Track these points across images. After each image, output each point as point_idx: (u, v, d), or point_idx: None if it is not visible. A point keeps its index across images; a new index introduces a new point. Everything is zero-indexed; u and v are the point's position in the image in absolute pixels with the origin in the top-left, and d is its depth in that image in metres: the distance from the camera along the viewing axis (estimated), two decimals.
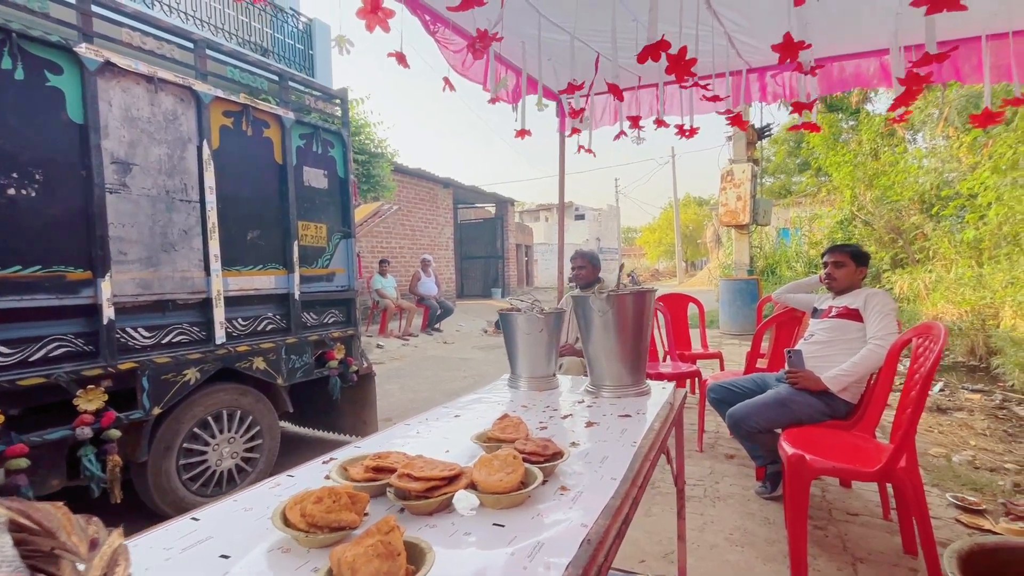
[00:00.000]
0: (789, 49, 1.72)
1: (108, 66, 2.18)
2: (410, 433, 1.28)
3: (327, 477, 0.97)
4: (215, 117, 2.61)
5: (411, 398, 5.42)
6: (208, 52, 2.61)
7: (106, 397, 2.16)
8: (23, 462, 1.91)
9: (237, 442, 2.76)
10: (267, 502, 0.88)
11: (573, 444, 1.14)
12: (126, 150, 2.26)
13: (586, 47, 2.45)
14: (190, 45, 2.56)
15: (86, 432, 2.09)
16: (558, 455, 0.97)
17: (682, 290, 11.32)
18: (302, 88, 3.19)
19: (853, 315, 2.46)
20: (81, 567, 0.35)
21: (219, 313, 2.59)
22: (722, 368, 4.20)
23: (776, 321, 3.27)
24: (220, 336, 2.59)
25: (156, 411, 2.34)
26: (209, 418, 2.63)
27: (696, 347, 4.51)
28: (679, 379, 3.36)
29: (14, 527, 0.38)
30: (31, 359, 1.99)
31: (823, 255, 2.68)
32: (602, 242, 33.90)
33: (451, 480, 0.84)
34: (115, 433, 2.17)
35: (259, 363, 2.79)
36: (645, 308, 1.53)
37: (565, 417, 1.36)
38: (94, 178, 2.13)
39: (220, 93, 2.61)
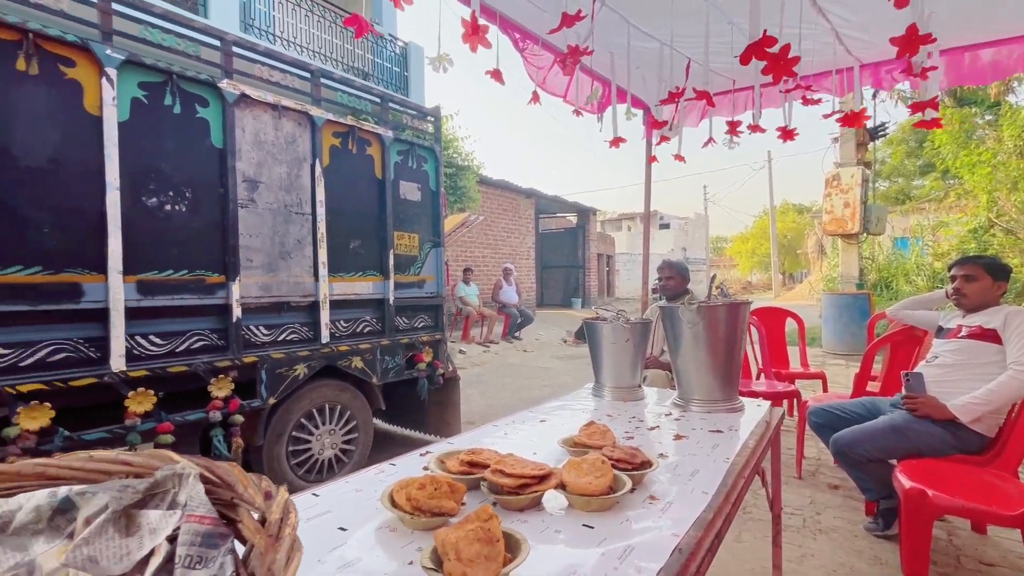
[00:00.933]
0: (910, 43, 1.58)
1: (243, 98, 2.50)
2: (498, 434, 1.34)
3: (425, 468, 1.05)
4: (326, 138, 2.89)
5: (491, 403, 5.54)
6: (322, 80, 2.90)
7: (233, 386, 2.45)
8: (169, 438, 2.22)
9: (336, 434, 3.00)
10: (374, 485, 0.97)
11: (661, 455, 1.12)
12: (255, 170, 2.58)
13: (677, 53, 2.41)
14: (307, 75, 2.86)
15: (216, 416, 2.39)
16: (647, 464, 0.97)
17: (779, 304, 10.55)
18: (400, 108, 3.44)
19: (989, 336, 2.16)
20: (255, 515, 0.43)
21: (325, 315, 2.84)
22: (825, 390, 3.86)
23: (891, 340, 2.95)
24: (325, 336, 2.84)
25: (272, 401, 2.61)
26: (314, 410, 2.88)
27: (795, 366, 4.19)
28: (774, 399, 3.14)
29: (202, 479, 0.47)
30: (177, 350, 2.32)
31: (950, 267, 2.40)
32: (688, 252, 32.49)
33: (541, 479, 0.87)
34: (239, 418, 2.46)
35: (357, 362, 3.02)
36: (739, 321, 1.47)
37: (652, 429, 1.35)
38: (229, 195, 2.45)
39: (331, 116, 2.89)
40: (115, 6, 2.10)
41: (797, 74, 1.82)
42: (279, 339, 2.69)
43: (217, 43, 2.48)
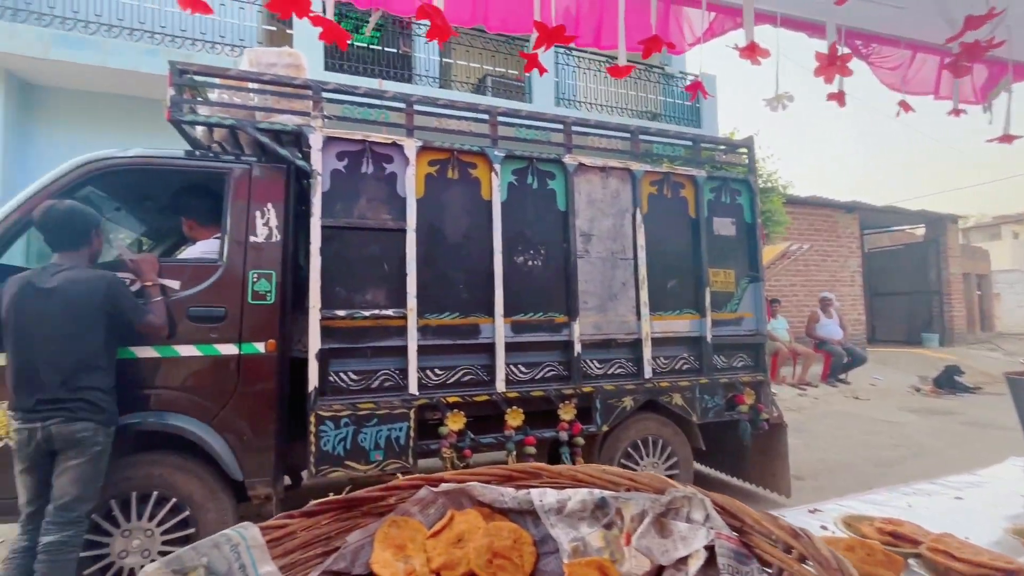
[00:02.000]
0: None
1: (580, 167, 2.98)
2: (898, 503, 1.17)
3: (823, 527, 1.01)
4: (644, 188, 3.14)
5: (820, 458, 4.75)
6: (640, 137, 3.19)
7: (575, 411, 2.85)
8: (532, 450, 2.73)
9: (659, 467, 3.10)
10: None
11: None
12: (588, 225, 3.01)
13: None
14: (628, 135, 3.20)
15: (564, 436, 2.81)
16: None
17: None
18: (711, 146, 3.46)
19: None
20: (775, 545, 0.53)
21: (647, 351, 3.03)
22: None
23: None
24: (648, 372, 3.02)
25: (604, 428, 2.92)
26: (638, 441, 3.07)
27: None
28: None
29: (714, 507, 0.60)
30: (535, 378, 2.86)
31: None
32: None
33: (1010, 574, 0.74)
34: (581, 440, 2.83)
35: (677, 399, 3.09)
36: None
37: None
38: (571, 248, 2.92)
39: (648, 167, 3.14)
40: (500, 119, 2.85)
41: None
42: (609, 372, 3.00)
43: (560, 127, 3.04)
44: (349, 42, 1.25)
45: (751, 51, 1.37)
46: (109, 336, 2.10)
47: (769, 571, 0.53)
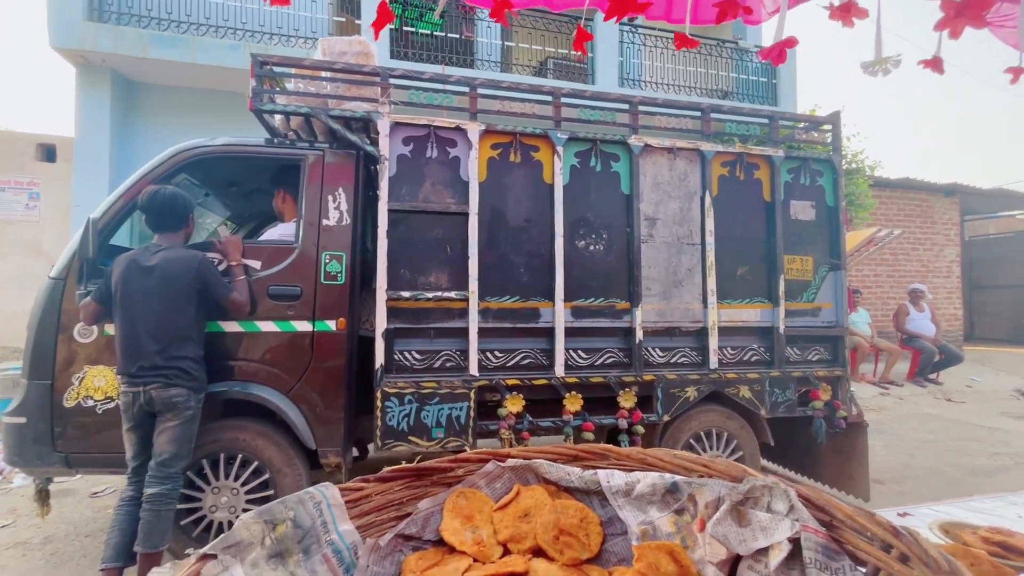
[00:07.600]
0: None
1: (646, 148, 2.88)
2: (1005, 512, 1.06)
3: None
4: (715, 169, 2.98)
5: (904, 462, 4.40)
6: (712, 116, 3.03)
7: (635, 399, 2.79)
8: (590, 435, 2.71)
9: None
10: None
11: None
12: (653, 208, 2.91)
13: None
14: (698, 114, 3.05)
15: (623, 423, 2.76)
16: None
17: None
18: (790, 123, 3.22)
19: None
20: (871, 542, 0.49)
21: (713, 341, 2.91)
22: None
23: None
24: (713, 362, 2.90)
25: (665, 418, 2.84)
26: (701, 433, 2.97)
27: None
28: None
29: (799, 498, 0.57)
30: (595, 364, 2.82)
31: None
32: None
33: None
34: (640, 429, 2.78)
35: (744, 391, 2.94)
36: None
37: None
38: (634, 233, 2.84)
39: (719, 147, 2.98)
40: (563, 100, 2.80)
41: None
42: (672, 361, 2.91)
43: (626, 106, 2.94)
44: (411, 30, 1.26)
45: (846, 11, 1.24)
46: (199, 310, 2.29)
47: (863, 570, 0.49)
